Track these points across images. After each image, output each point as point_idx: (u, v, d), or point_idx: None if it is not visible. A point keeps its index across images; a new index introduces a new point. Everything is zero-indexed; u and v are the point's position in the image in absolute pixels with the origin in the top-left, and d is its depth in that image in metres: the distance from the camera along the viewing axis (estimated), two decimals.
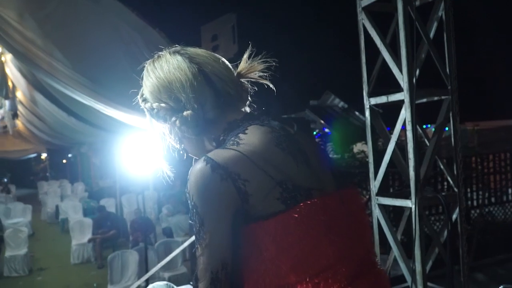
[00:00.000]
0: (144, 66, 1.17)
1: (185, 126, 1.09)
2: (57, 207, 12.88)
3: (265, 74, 1.16)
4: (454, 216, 2.84)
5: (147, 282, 5.79)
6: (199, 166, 0.98)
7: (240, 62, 1.18)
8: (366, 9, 2.99)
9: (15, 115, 13.63)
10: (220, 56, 1.17)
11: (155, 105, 1.12)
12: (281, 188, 0.97)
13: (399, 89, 2.77)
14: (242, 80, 1.17)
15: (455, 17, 2.82)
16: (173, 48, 1.15)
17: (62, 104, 7.90)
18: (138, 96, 1.18)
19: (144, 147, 5.87)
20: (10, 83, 9.20)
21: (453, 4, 2.81)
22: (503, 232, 6.47)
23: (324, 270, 0.95)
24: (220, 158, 0.97)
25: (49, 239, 10.92)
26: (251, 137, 1.03)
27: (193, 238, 3.69)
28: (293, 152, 1.03)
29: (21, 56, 5.63)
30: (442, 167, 2.93)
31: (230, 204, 0.96)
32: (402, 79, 2.72)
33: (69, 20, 5.18)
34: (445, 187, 6.21)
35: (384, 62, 2.95)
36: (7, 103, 10.95)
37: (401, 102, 2.76)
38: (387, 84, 2.87)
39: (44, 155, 23.54)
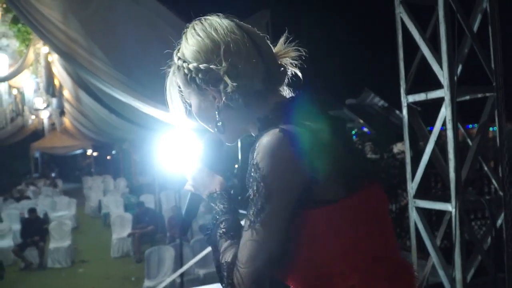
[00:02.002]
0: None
1: (236, 94, 1.00)
2: (100, 201, 13.33)
3: (296, 62, 1.09)
4: (499, 222, 2.66)
5: (182, 278, 5.87)
6: (276, 136, 0.90)
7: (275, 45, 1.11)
8: (405, 2, 2.86)
9: (62, 113, 14.23)
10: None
11: (202, 66, 1.01)
12: (344, 175, 0.94)
13: (439, 86, 2.63)
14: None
15: (501, 9, 2.65)
16: (221, 15, 1.08)
17: (104, 102, 8.14)
18: (174, 54, 1.09)
19: (181, 145, 5.96)
20: (57, 82, 9.60)
21: None
22: None
23: (371, 262, 0.93)
24: (297, 135, 0.91)
25: (91, 232, 11.31)
26: (312, 122, 0.98)
27: (207, 250, 3.66)
28: (345, 144, 1.02)
29: (65, 56, 5.84)
30: (486, 168, 2.76)
31: (300, 183, 0.91)
32: (442, 75, 2.57)
33: (110, 19, 5.32)
34: (492, 190, 5.91)
35: (423, 58, 2.81)
36: (54, 101, 11.44)
37: (441, 99, 2.62)
38: (426, 81, 2.73)
39: (89, 151, 24.43)
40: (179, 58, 1.07)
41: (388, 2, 2.96)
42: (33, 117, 13.71)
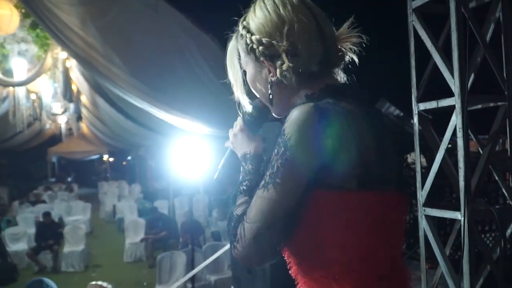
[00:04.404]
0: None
1: (290, 73, 1.03)
2: (114, 206, 13.46)
3: (355, 48, 1.10)
4: (508, 231, 2.63)
5: (193, 283, 5.89)
6: (307, 109, 0.94)
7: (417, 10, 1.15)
8: (417, 10, 2.87)
9: (79, 118, 14.48)
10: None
11: (264, 40, 1.04)
12: (363, 169, 0.95)
13: (450, 94, 2.62)
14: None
15: None
16: None
17: (120, 107, 8.28)
18: (240, 21, 1.11)
19: (194, 151, 6.01)
20: (74, 88, 9.79)
21: None
22: None
23: (361, 260, 0.96)
24: (329, 112, 0.94)
25: (105, 237, 11.41)
26: (349, 108, 1.00)
27: (217, 254, 3.69)
28: (378, 137, 1.01)
29: (82, 61, 5.98)
30: (497, 178, 2.74)
31: (317, 159, 0.92)
32: (454, 84, 2.57)
33: (128, 27, 5.43)
34: (502, 201, 5.81)
35: (434, 66, 2.82)
36: (71, 106, 11.65)
37: (452, 107, 2.61)
38: (438, 89, 2.73)
39: (106, 157, 24.74)
40: (243, 27, 1.09)
41: (400, 11, 2.98)
42: (50, 122, 13.97)
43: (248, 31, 1.07)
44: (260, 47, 1.04)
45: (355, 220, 0.94)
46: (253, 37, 1.06)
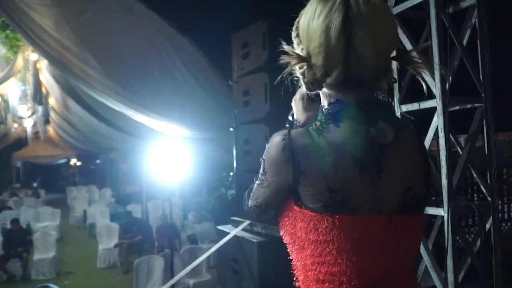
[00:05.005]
0: None
1: (301, 76, 1.09)
2: (84, 211, 13.16)
3: (422, 72, 1.09)
4: (487, 226, 2.77)
5: (172, 287, 5.84)
6: (278, 138, 1.07)
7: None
8: (398, 16, 2.98)
9: (46, 121, 14.08)
10: (392, 20, 1.08)
11: (295, 41, 1.10)
12: (329, 195, 1.01)
13: (431, 96, 2.74)
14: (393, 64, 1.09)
15: (495, 22, 2.79)
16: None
17: (94, 110, 8.12)
18: (297, 20, 1.11)
19: (171, 154, 5.97)
20: (44, 90, 9.52)
21: (492, 10, 2.77)
22: None
23: (333, 274, 1.03)
24: (296, 142, 1.05)
25: (77, 243, 11.14)
26: (337, 134, 1.04)
27: (218, 245, 3.71)
28: (365, 166, 1.03)
29: (57, 63, 5.84)
30: (475, 175, 2.88)
31: (286, 181, 1.07)
32: (435, 86, 2.69)
33: (104, 29, 5.35)
34: (479, 197, 6.07)
35: None
36: (40, 109, 11.32)
37: (434, 109, 2.73)
38: (420, 91, 2.84)
39: (73, 161, 24.11)
40: (297, 22, 1.12)
41: None
42: (16, 125, 13.53)
43: (296, 28, 1.11)
44: (292, 46, 1.10)
45: (325, 241, 1.03)
46: (292, 34, 1.12)
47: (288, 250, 1.16)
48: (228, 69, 4.16)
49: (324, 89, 1.10)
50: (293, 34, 1.11)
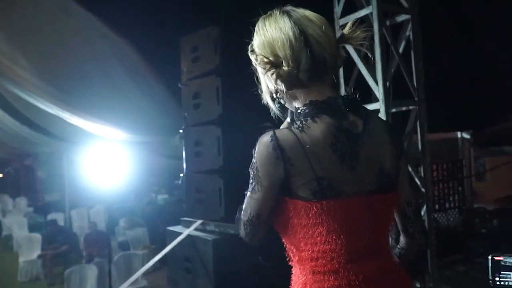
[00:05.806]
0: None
1: (279, 80, 1.24)
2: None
3: (365, 43, 1.29)
4: (422, 213, 3.15)
5: None
6: (265, 139, 1.19)
7: (343, 27, 1.32)
8: (343, 27, 3.27)
9: None
10: (324, 20, 1.26)
11: (259, 57, 1.26)
12: (317, 183, 1.16)
13: (375, 99, 3.06)
14: (342, 45, 1.28)
15: (425, 34, 3.18)
16: (284, 8, 1.28)
17: (19, 112, 7.58)
18: (249, 46, 1.31)
19: (103, 158, 5.80)
20: None
21: (424, 22, 3.17)
22: (446, 236, 7.00)
23: (325, 252, 1.19)
24: (283, 141, 1.17)
25: None
26: (316, 129, 1.19)
27: (172, 244, 3.73)
28: (344, 154, 1.19)
29: None
30: (410, 169, 3.25)
31: (278, 177, 1.18)
32: (378, 90, 3.01)
33: (36, 29, 5.10)
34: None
35: (359, 75, 3.25)
36: None
37: (377, 111, 3.05)
38: (366, 95, 3.16)
39: None
40: (251, 46, 1.31)
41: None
42: None
43: (252, 51, 1.30)
44: (258, 62, 1.27)
45: (315, 224, 1.18)
46: (253, 56, 1.29)
47: (281, 237, 1.30)
48: (174, 72, 4.19)
49: (298, 93, 1.27)
50: (251, 55, 1.30)
